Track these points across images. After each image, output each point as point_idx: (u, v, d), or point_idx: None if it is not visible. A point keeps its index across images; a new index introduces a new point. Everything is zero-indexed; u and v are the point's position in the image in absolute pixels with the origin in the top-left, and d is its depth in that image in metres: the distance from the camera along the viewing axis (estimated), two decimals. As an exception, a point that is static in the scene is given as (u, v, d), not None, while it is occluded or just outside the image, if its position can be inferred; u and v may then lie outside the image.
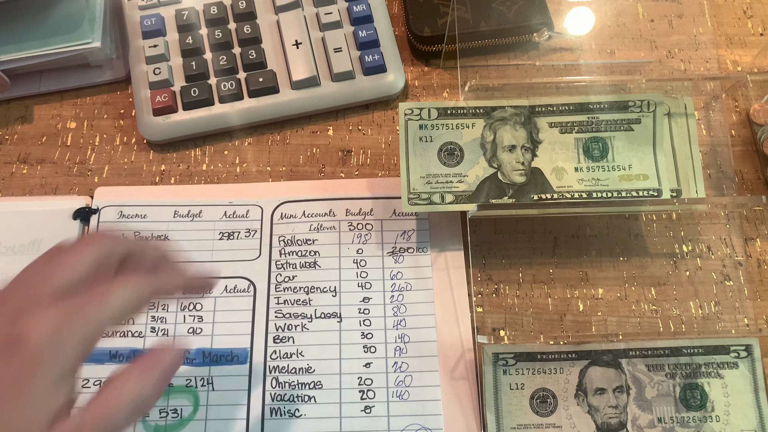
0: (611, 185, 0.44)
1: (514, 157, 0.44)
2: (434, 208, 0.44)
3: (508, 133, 0.45)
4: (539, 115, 0.45)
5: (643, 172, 0.44)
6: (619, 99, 0.45)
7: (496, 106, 0.45)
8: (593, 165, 0.44)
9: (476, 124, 0.45)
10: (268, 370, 0.44)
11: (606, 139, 0.45)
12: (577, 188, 0.44)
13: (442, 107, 0.44)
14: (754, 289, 0.47)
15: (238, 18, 0.54)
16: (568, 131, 0.45)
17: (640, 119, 0.45)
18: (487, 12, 0.52)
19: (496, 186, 0.44)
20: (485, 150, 0.44)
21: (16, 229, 0.48)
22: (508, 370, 0.43)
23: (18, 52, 0.50)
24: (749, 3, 0.57)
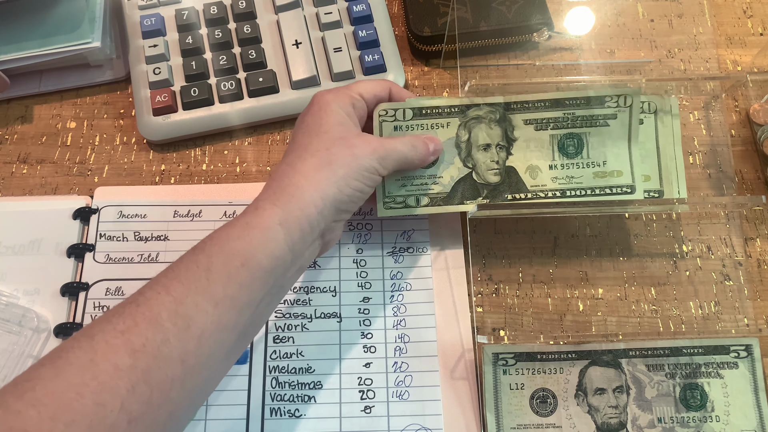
0: (585, 182, 0.44)
1: (489, 156, 0.44)
2: (409, 212, 0.44)
3: (483, 132, 0.44)
4: (514, 112, 0.44)
5: (617, 168, 0.44)
6: (596, 94, 0.44)
7: (471, 104, 0.44)
8: (568, 162, 0.44)
9: (451, 123, 0.44)
10: (268, 370, 0.44)
11: (581, 135, 0.44)
12: (551, 187, 0.44)
13: (417, 107, 0.44)
14: (754, 289, 0.47)
15: (238, 18, 0.54)
16: (543, 128, 0.44)
17: (616, 114, 0.44)
18: (487, 12, 0.52)
19: (470, 186, 0.44)
20: (460, 150, 0.44)
21: (16, 228, 0.48)
22: (508, 370, 0.43)
23: (18, 52, 0.50)
24: (749, 3, 0.57)
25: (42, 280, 0.46)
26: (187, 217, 0.48)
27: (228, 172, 0.51)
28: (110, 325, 0.30)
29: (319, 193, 0.36)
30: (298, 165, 0.37)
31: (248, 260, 0.33)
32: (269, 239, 0.34)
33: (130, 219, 0.48)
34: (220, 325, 0.32)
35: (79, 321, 0.45)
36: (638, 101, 0.44)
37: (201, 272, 0.32)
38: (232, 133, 0.53)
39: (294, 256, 0.35)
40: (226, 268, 0.33)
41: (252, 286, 0.33)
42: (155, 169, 0.51)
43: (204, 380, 0.32)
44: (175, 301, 0.31)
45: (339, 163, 0.37)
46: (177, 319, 0.31)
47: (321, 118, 0.39)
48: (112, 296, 0.46)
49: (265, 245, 0.34)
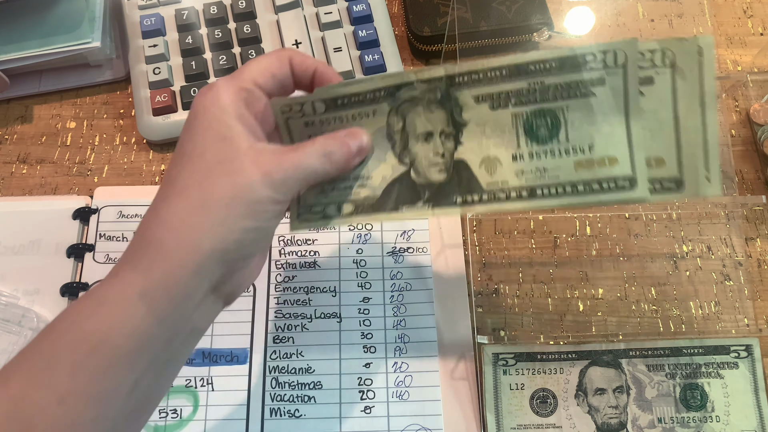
0: (563, 176, 0.31)
1: (432, 149, 0.33)
2: (328, 223, 0.34)
3: (422, 117, 0.33)
4: (461, 87, 0.32)
5: (609, 155, 0.31)
6: (573, 53, 0.31)
7: (402, 83, 0.33)
8: (538, 149, 0.32)
9: (378, 110, 0.33)
10: (268, 371, 0.44)
11: (556, 111, 0.32)
12: (515, 184, 0.32)
13: (330, 98, 0.33)
14: (754, 289, 0.47)
15: (238, 18, 0.54)
16: (502, 105, 0.32)
17: (603, 79, 0.31)
18: (487, 12, 0.52)
19: (407, 188, 0.33)
20: (393, 142, 0.34)
21: (16, 228, 0.48)
22: (508, 371, 0.43)
23: (18, 52, 0.50)
24: (749, 3, 0.57)
25: (42, 281, 0.46)
26: (187, 217, 0.48)
27: (228, 172, 0.51)
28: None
29: (189, 248, 0.27)
30: (162, 211, 0.28)
31: (100, 344, 0.27)
32: (127, 316, 0.27)
33: (129, 219, 0.48)
34: (70, 423, 0.26)
35: (79, 321, 0.45)
36: (635, 57, 0.30)
37: (43, 362, 0.26)
38: (231, 133, 0.52)
39: (169, 329, 0.28)
40: (72, 356, 0.26)
41: (110, 373, 0.27)
42: (155, 169, 0.51)
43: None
44: (12, 399, 0.26)
45: (216, 202, 0.28)
46: (14, 421, 0.25)
47: (195, 133, 0.29)
48: (111, 296, 0.46)
49: (122, 324, 0.27)
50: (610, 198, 0.31)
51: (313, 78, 0.34)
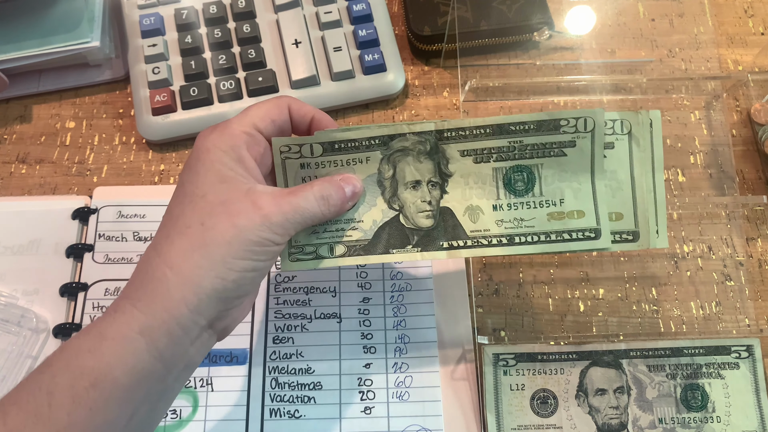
0: (538, 226, 0.36)
1: (419, 196, 0.36)
2: (320, 265, 0.36)
3: (411, 166, 0.36)
4: (448, 142, 0.36)
5: (577, 208, 0.36)
6: (548, 117, 0.35)
7: (395, 134, 0.36)
8: (516, 201, 0.36)
9: (371, 157, 0.36)
10: (268, 371, 0.44)
11: (532, 168, 0.36)
12: (495, 232, 0.36)
13: (327, 141, 0.35)
14: (755, 290, 0.46)
15: (238, 17, 0.54)
16: (484, 160, 0.36)
17: (574, 141, 0.35)
18: (487, 11, 0.52)
19: (397, 232, 0.36)
20: (384, 188, 0.36)
21: (15, 228, 0.47)
22: (509, 371, 0.43)
23: (17, 52, 0.50)
24: (750, 2, 0.57)
25: (41, 281, 0.46)
26: (187, 217, 0.48)
27: (227, 171, 0.51)
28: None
29: (191, 286, 0.29)
30: (164, 249, 0.29)
31: (100, 379, 0.27)
32: (127, 352, 0.28)
33: (129, 219, 0.48)
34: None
35: (78, 321, 0.45)
36: (601, 125, 0.35)
37: (42, 396, 0.27)
38: (231, 132, 0.52)
39: (166, 364, 0.29)
40: (71, 390, 0.27)
41: (109, 407, 0.27)
42: (154, 169, 0.51)
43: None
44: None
45: (217, 241, 0.29)
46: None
47: (197, 174, 0.30)
48: (111, 296, 0.45)
49: (122, 360, 0.28)
50: (578, 246, 0.36)
51: (310, 124, 0.36)
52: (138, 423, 0.29)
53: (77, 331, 0.44)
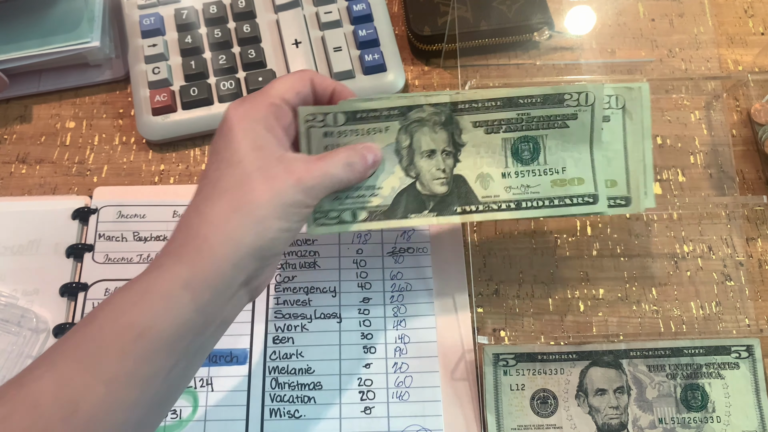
0: (542, 192, 0.39)
1: (434, 164, 0.39)
2: (344, 228, 0.38)
3: (427, 136, 0.39)
4: (462, 113, 0.38)
5: (577, 176, 0.39)
6: (554, 92, 0.38)
7: (413, 105, 0.38)
8: (522, 169, 0.39)
9: (390, 127, 0.38)
10: (268, 371, 0.44)
11: (537, 139, 0.39)
12: (504, 198, 0.39)
13: (350, 111, 0.38)
14: (755, 290, 0.46)
15: (238, 17, 0.54)
16: (494, 131, 0.39)
17: (576, 114, 0.38)
18: (487, 11, 0.52)
19: (414, 198, 0.39)
20: (401, 157, 0.39)
21: (15, 229, 0.47)
22: (509, 371, 0.43)
23: (17, 52, 0.50)
24: (750, 2, 0.57)
25: (41, 281, 0.46)
26: (187, 217, 0.48)
27: (227, 172, 0.51)
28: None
29: (232, 243, 0.30)
30: (206, 210, 0.31)
31: (146, 331, 0.29)
32: (172, 306, 0.29)
33: (129, 219, 0.48)
34: (114, 404, 0.28)
35: (78, 321, 0.45)
36: (601, 99, 0.38)
37: (90, 347, 0.28)
38: (231, 132, 0.52)
39: (206, 318, 0.31)
40: (119, 341, 0.28)
41: (154, 358, 0.29)
42: (154, 169, 0.51)
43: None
44: (58, 382, 0.27)
45: (255, 203, 0.31)
46: (61, 403, 0.27)
47: (232, 142, 0.32)
48: (111, 297, 0.45)
49: (167, 312, 0.29)
50: (578, 210, 0.39)
51: (331, 96, 0.38)
52: (175, 377, 0.30)
53: (77, 331, 0.44)
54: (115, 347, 0.28)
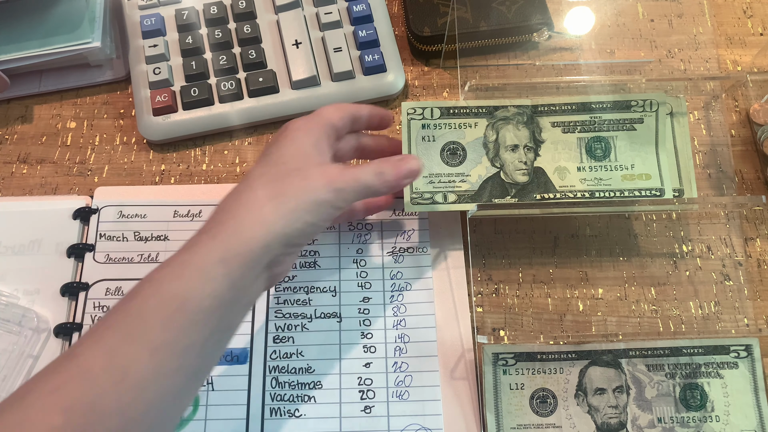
0: (614, 185, 0.44)
1: (517, 157, 0.44)
2: (437, 208, 0.44)
3: (511, 133, 0.44)
4: (542, 115, 0.45)
5: (645, 172, 0.44)
6: (622, 99, 0.45)
7: (499, 106, 0.45)
8: (596, 164, 0.44)
9: (479, 123, 0.45)
10: (268, 370, 0.44)
11: (608, 139, 0.45)
12: (580, 188, 0.44)
13: (444, 107, 0.44)
14: (754, 289, 0.47)
15: (238, 18, 0.54)
16: (570, 131, 0.45)
17: (642, 119, 0.45)
18: (487, 12, 0.52)
19: (498, 185, 0.44)
20: (488, 149, 0.44)
21: (16, 228, 0.48)
22: (508, 370, 0.43)
23: (18, 52, 0.50)
24: (749, 3, 0.57)
25: (42, 280, 0.46)
26: (187, 217, 0.48)
27: (228, 172, 0.51)
28: (42, 383, 0.29)
29: (264, 227, 0.34)
30: (246, 196, 0.35)
31: (185, 302, 0.31)
32: (208, 279, 0.32)
33: (130, 219, 0.48)
34: (160, 372, 0.30)
35: (79, 321, 0.45)
36: (664, 107, 0.45)
37: (135, 319, 0.31)
38: (232, 133, 0.53)
39: (236, 293, 0.33)
40: (161, 312, 0.31)
41: (192, 329, 0.31)
42: (155, 169, 0.51)
43: (149, 427, 0.31)
44: (108, 352, 0.30)
45: (289, 195, 0.35)
46: (111, 371, 0.29)
47: (282, 148, 0.37)
48: (112, 296, 0.46)
49: (204, 285, 0.32)
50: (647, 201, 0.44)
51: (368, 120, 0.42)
52: (208, 351, 0.33)
53: (78, 330, 0.45)
54: (158, 317, 0.31)
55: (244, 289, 0.34)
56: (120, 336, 0.30)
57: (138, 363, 0.30)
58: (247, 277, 0.34)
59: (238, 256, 0.33)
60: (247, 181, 0.36)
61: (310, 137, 0.38)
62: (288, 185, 0.35)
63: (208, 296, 0.32)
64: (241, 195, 0.35)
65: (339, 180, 0.36)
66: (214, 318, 0.32)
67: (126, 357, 0.30)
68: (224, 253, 0.33)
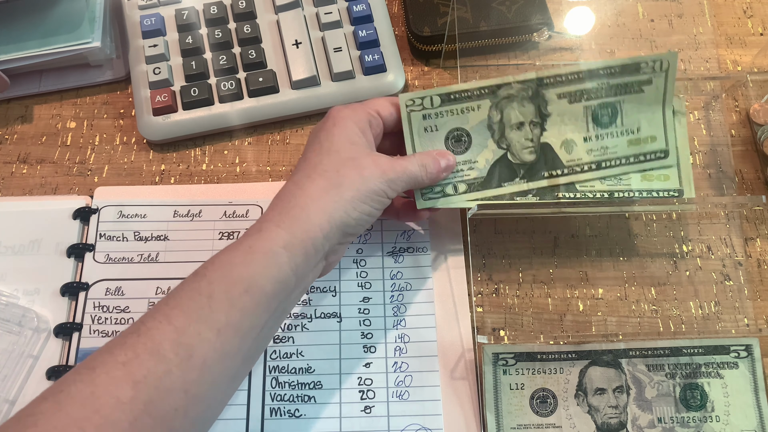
0: (620, 152, 0.43)
1: (523, 135, 0.43)
2: (449, 201, 0.43)
3: (515, 110, 0.43)
4: (548, 87, 0.43)
5: (651, 134, 0.44)
6: (631, 62, 0.43)
7: (502, 83, 0.43)
8: (602, 132, 0.44)
9: (482, 105, 0.43)
10: (268, 370, 0.44)
11: (615, 104, 0.44)
12: (587, 160, 0.43)
13: (445, 93, 0.43)
14: (754, 289, 0.47)
15: (238, 18, 0.54)
16: (577, 100, 0.43)
17: (651, 80, 0.43)
18: (487, 12, 0.52)
19: (506, 167, 0.43)
20: (493, 131, 0.43)
21: (16, 228, 0.48)
22: (508, 370, 0.43)
23: (18, 52, 0.50)
24: (749, 3, 0.57)
25: (42, 280, 0.46)
26: (187, 217, 0.48)
27: (228, 172, 0.51)
28: (111, 357, 0.30)
29: (325, 215, 0.35)
30: (306, 185, 0.36)
31: (251, 286, 0.33)
32: (272, 264, 0.33)
33: (130, 219, 0.48)
34: (222, 352, 0.32)
35: (79, 321, 0.45)
36: (675, 65, 0.43)
37: (203, 300, 0.32)
38: (232, 133, 0.53)
39: (297, 279, 0.35)
40: (228, 294, 0.32)
41: (255, 312, 0.33)
42: (155, 169, 0.51)
43: (207, 407, 0.32)
44: (176, 330, 0.31)
45: (347, 185, 0.36)
46: (179, 348, 0.30)
47: (333, 135, 0.38)
48: (112, 296, 0.46)
49: (269, 270, 0.33)
50: (651, 165, 0.44)
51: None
52: (264, 334, 0.34)
53: (78, 330, 0.45)
54: (225, 299, 0.32)
55: (304, 276, 0.36)
56: (188, 316, 0.31)
57: (205, 343, 0.31)
58: (308, 264, 0.35)
59: (302, 243, 0.34)
60: (305, 170, 0.37)
61: (359, 125, 0.39)
62: (345, 176, 0.37)
63: (272, 281, 0.33)
64: (302, 183, 0.37)
65: (390, 170, 0.38)
66: (275, 302, 0.34)
67: (193, 336, 0.31)
68: (288, 240, 0.34)
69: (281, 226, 0.35)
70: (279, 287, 0.34)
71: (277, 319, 0.35)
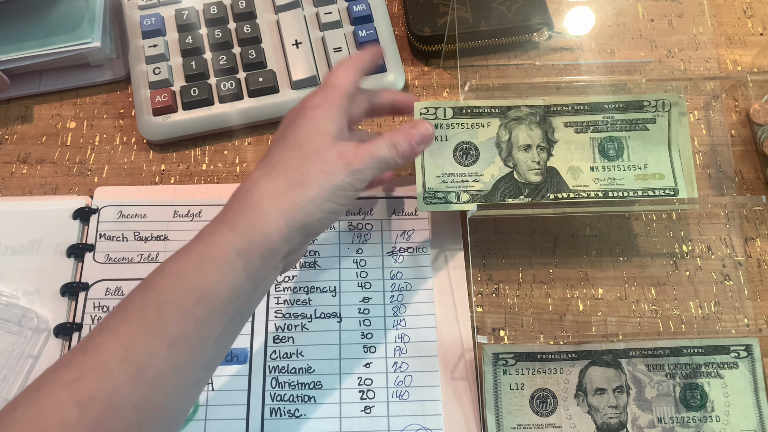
0: (627, 184, 0.44)
1: (530, 157, 0.44)
2: (449, 207, 0.44)
3: (524, 133, 0.44)
4: (554, 115, 0.45)
5: (659, 172, 0.44)
6: (634, 99, 0.45)
7: (512, 106, 0.45)
8: (609, 164, 0.44)
9: (491, 123, 0.45)
10: (268, 370, 0.44)
11: (621, 139, 0.45)
12: (593, 187, 0.44)
13: (457, 107, 0.44)
14: (754, 289, 0.47)
15: (238, 18, 0.54)
16: (583, 131, 0.45)
17: (655, 119, 0.45)
18: (487, 12, 0.52)
19: (512, 185, 0.44)
20: (500, 149, 0.44)
21: (16, 228, 0.48)
22: (508, 370, 0.43)
23: (18, 52, 0.50)
24: (749, 3, 0.57)
25: (42, 280, 0.46)
26: (187, 217, 0.48)
27: (228, 172, 0.51)
28: (57, 377, 0.29)
29: (284, 218, 0.33)
30: (264, 185, 0.34)
31: (204, 296, 0.31)
32: (227, 272, 0.31)
33: (130, 219, 0.48)
34: (177, 365, 0.30)
35: (79, 321, 0.45)
36: (677, 107, 0.45)
37: (152, 312, 0.30)
38: (232, 133, 0.53)
39: (255, 285, 0.33)
40: (179, 306, 0.30)
41: (210, 322, 0.31)
42: (155, 169, 0.51)
43: (165, 419, 0.31)
44: (124, 346, 0.29)
45: (309, 183, 0.34)
46: (128, 365, 0.29)
47: (299, 127, 0.36)
48: (111, 296, 0.46)
49: (223, 278, 0.31)
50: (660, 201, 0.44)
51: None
52: (222, 341, 0.33)
53: (78, 330, 0.45)
54: (176, 311, 0.30)
55: (262, 280, 0.34)
56: (137, 329, 0.30)
57: (155, 357, 0.29)
58: (265, 269, 0.33)
59: (258, 249, 0.32)
60: (265, 168, 0.35)
61: (329, 114, 0.37)
62: (307, 173, 0.34)
63: (227, 289, 0.31)
64: (260, 182, 0.34)
65: (356, 160, 0.35)
66: (231, 310, 0.32)
67: (143, 351, 0.29)
68: (244, 247, 0.32)
69: (236, 231, 0.32)
70: (235, 295, 0.32)
71: (237, 324, 0.34)
